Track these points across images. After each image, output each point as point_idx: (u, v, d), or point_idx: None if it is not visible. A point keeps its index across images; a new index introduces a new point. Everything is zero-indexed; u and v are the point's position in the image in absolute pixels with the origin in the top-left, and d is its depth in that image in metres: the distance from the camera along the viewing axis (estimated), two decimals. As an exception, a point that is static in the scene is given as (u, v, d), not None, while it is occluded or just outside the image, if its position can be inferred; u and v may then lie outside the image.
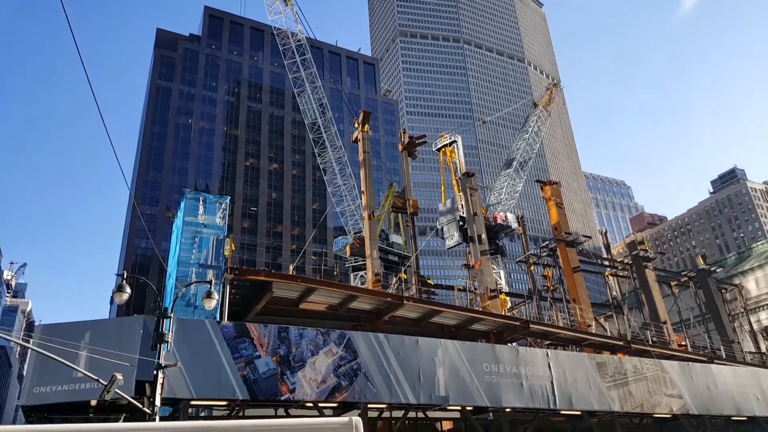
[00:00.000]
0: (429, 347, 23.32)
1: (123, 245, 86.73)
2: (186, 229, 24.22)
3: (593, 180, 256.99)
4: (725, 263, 66.43)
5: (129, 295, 14.70)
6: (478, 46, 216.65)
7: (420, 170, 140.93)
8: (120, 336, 18.41)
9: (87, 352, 16.78)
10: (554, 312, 46.13)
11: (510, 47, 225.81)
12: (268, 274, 26.23)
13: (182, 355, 17.51)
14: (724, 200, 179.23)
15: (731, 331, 48.36)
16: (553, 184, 47.83)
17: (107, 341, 17.29)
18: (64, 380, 16.89)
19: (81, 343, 17.15)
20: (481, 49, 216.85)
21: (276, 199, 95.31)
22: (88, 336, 17.72)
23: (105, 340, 17.45)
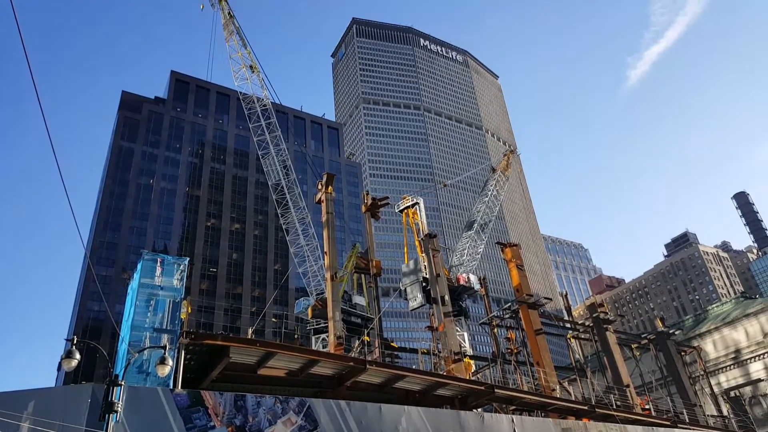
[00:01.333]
0: (393, 414, 22.68)
1: (75, 308, 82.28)
2: (141, 291, 23.39)
3: (552, 242, 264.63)
4: (683, 325, 68.23)
5: (78, 361, 13.96)
6: (438, 114, 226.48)
7: (383, 231, 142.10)
8: (66, 406, 17.19)
9: (30, 423, 15.56)
10: (519, 376, 45.92)
11: (468, 115, 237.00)
12: (226, 338, 25.33)
13: (131, 426, 16.45)
14: (678, 263, 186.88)
15: (693, 394, 48.99)
16: (513, 246, 49.04)
17: (52, 412, 16.11)
18: (1, 456, 15.51)
19: (24, 414, 15.92)
20: (441, 116, 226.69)
21: (237, 260, 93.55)
22: (31, 406, 16.47)
23: (50, 410, 16.26)
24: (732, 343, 56.95)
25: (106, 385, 14.65)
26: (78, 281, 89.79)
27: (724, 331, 58.23)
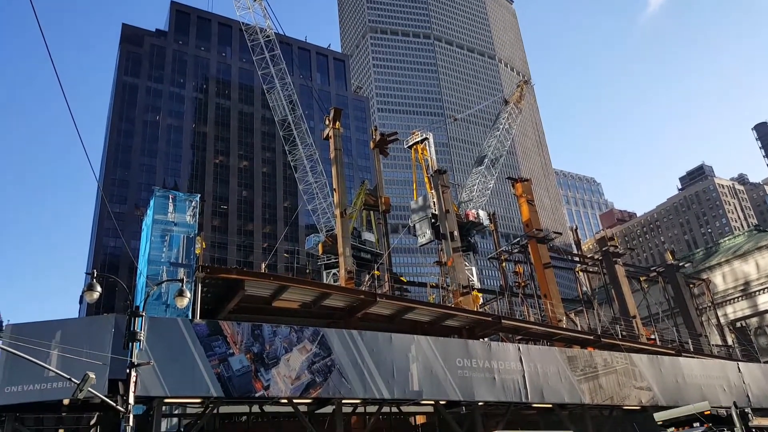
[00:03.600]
0: (402, 343, 23.53)
1: (91, 244, 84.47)
2: (155, 227, 23.84)
3: (563, 177, 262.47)
4: (693, 258, 68.52)
5: (99, 293, 14.46)
6: (449, 43, 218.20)
7: (392, 168, 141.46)
8: (91, 335, 18.03)
9: (58, 351, 16.41)
10: (525, 308, 47.06)
11: (481, 44, 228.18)
12: (240, 272, 26.05)
13: (155, 353, 17.28)
14: (692, 196, 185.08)
15: (699, 325, 49.98)
16: (524, 181, 48.70)
17: (78, 340, 16.94)
18: (36, 380, 16.49)
19: (52, 343, 16.77)
20: (452, 45, 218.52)
21: (246, 197, 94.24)
22: (58, 335, 17.32)
23: (76, 339, 17.09)
24: (742, 276, 57.39)
25: (128, 315, 15.24)
26: (93, 218, 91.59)
27: (734, 264, 58.52)
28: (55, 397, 16.96)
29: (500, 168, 59.22)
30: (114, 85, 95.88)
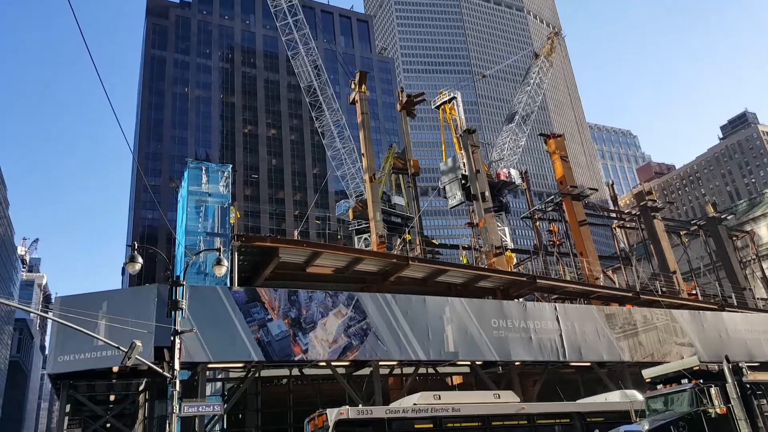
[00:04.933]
0: (436, 305, 23.65)
1: (130, 217, 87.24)
2: (191, 198, 24.32)
3: (598, 131, 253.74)
4: (736, 210, 65.97)
5: (140, 264, 14.87)
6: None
7: (419, 129, 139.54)
8: (135, 305, 18.77)
9: (105, 321, 17.16)
10: (561, 267, 46.44)
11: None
12: (274, 239, 26.42)
13: (197, 320, 17.86)
14: (734, 146, 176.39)
15: (743, 279, 48.50)
16: (557, 136, 47.21)
17: (124, 310, 17.67)
18: (86, 349, 17.37)
19: (99, 313, 17.54)
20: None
21: (276, 166, 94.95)
22: (105, 305, 18.10)
23: (121, 308, 17.83)
24: (788, 226, 55.11)
25: (170, 285, 15.68)
26: (130, 192, 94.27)
27: (780, 214, 56.13)
28: (105, 365, 17.85)
29: (532, 124, 57.48)
30: (142, 59, 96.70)
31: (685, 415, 13.50)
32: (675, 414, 13.72)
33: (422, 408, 14.75)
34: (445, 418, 14.54)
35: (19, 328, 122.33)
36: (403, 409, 14.79)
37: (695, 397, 13.60)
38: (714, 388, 13.42)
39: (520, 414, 15.47)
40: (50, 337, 18.77)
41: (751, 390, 13.95)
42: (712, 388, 13.42)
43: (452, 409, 14.77)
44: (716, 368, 14.26)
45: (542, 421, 15.74)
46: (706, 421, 13.26)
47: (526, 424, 15.45)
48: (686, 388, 14.05)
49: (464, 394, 18.70)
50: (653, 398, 15.07)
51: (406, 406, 15.02)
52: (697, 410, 13.43)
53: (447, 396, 15.78)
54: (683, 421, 13.34)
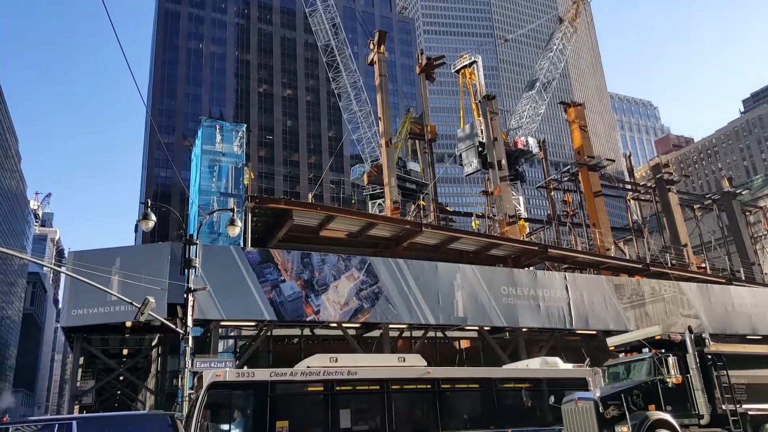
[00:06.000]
0: (448, 272, 23.75)
1: (143, 175, 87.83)
2: (204, 157, 24.29)
3: (618, 101, 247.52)
4: (751, 185, 64.88)
5: (154, 222, 14.99)
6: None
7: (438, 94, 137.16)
8: (149, 262, 19.05)
9: (119, 276, 17.45)
10: (573, 237, 46.21)
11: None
12: (288, 202, 26.48)
13: (210, 279, 18.11)
14: (755, 120, 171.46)
15: (752, 254, 48.11)
16: (578, 105, 46.15)
17: (137, 266, 17.93)
18: (99, 303, 17.75)
19: (112, 269, 17.83)
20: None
21: (291, 127, 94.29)
22: (118, 261, 18.38)
23: (135, 265, 18.10)
24: (803, 203, 54.07)
25: (183, 243, 15.83)
26: (143, 149, 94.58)
27: (796, 191, 55.01)
28: (118, 320, 18.27)
29: (552, 92, 56.03)
30: (156, 12, 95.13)
31: (642, 383, 13.34)
32: (631, 382, 13.58)
33: (314, 371, 13.75)
34: (338, 382, 13.61)
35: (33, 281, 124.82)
36: (291, 372, 13.66)
37: (653, 367, 13.43)
38: (672, 358, 13.23)
39: (423, 378, 14.58)
40: (63, 291, 19.21)
41: (712, 361, 13.83)
42: (670, 358, 13.23)
43: (348, 372, 13.84)
44: (679, 338, 14.11)
45: (447, 386, 14.84)
46: (662, 390, 13.11)
47: (430, 389, 14.59)
48: (645, 357, 13.91)
49: (367, 356, 17.70)
50: (614, 366, 14.92)
51: (296, 369, 14.07)
52: (653, 379, 13.26)
53: (346, 359, 14.78)
54: (638, 390, 13.11)
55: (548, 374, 16.32)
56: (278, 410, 12.72)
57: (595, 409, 12.60)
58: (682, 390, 13.31)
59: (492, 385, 15.28)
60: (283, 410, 12.87)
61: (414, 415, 14.65)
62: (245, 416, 12.73)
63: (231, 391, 12.65)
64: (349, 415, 13.50)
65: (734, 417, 13.36)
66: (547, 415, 15.18)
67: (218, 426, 12.37)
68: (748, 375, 14.31)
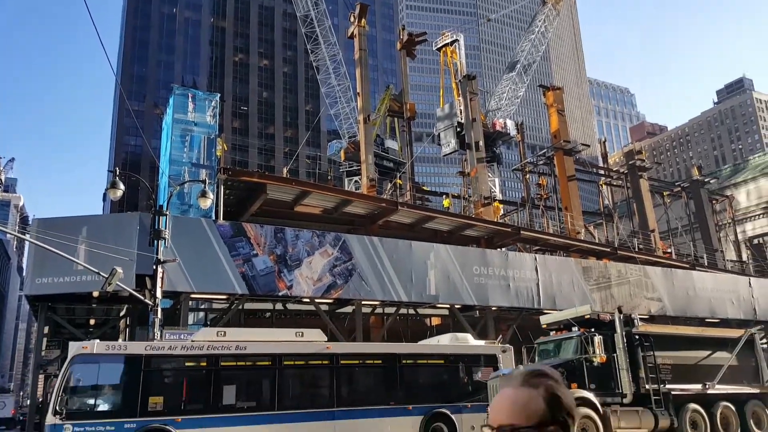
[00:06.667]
0: (422, 251, 23.88)
1: (112, 142, 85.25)
2: (176, 126, 23.58)
3: (597, 86, 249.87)
4: (720, 174, 66.76)
5: (122, 191, 14.56)
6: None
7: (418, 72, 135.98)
8: (117, 231, 18.56)
9: (85, 246, 16.96)
10: (545, 220, 46.96)
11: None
12: (263, 176, 26.04)
13: (180, 251, 17.78)
14: (727, 111, 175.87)
15: (716, 241, 49.71)
16: (557, 89, 46.41)
17: (104, 236, 17.45)
18: (65, 272, 17.26)
19: (79, 238, 17.30)
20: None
21: (267, 99, 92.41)
22: (84, 230, 17.84)
23: (102, 234, 17.60)
24: (766, 194, 55.99)
25: (153, 214, 15.46)
26: (112, 115, 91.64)
27: (760, 182, 56.88)
28: (85, 290, 17.82)
29: (532, 75, 56.11)
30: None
31: (568, 361, 13.39)
32: (558, 360, 13.67)
33: (197, 345, 12.86)
34: (223, 357, 12.82)
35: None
36: (170, 346, 12.76)
37: (580, 345, 13.49)
38: (597, 337, 13.27)
39: (320, 354, 13.92)
40: (27, 259, 18.60)
41: (640, 341, 13.99)
42: (596, 337, 13.27)
43: (236, 347, 12.99)
44: (608, 318, 14.20)
45: (347, 362, 14.34)
46: (588, 369, 13.16)
47: (328, 364, 13.98)
48: (573, 335, 13.98)
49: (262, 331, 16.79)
50: (544, 344, 15.03)
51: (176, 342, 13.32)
52: (579, 358, 13.32)
53: (236, 333, 14.05)
54: (563, 367, 13.03)
55: (456, 350, 15.95)
56: (152, 386, 12.13)
57: None
58: (607, 369, 13.40)
59: (395, 361, 14.85)
60: (159, 386, 12.35)
61: (308, 391, 14.18)
62: (114, 392, 12.14)
63: (98, 365, 11.92)
64: (235, 391, 12.96)
65: (657, 396, 13.55)
66: (455, 392, 15.05)
67: (82, 401, 11.76)
68: (675, 356, 14.60)
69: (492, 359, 15.80)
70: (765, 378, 15.74)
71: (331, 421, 13.38)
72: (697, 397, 14.36)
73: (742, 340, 15.80)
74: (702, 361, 15.04)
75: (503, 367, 14.91)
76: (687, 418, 13.87)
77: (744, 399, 15.11)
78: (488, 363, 15.57)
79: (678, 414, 13.83)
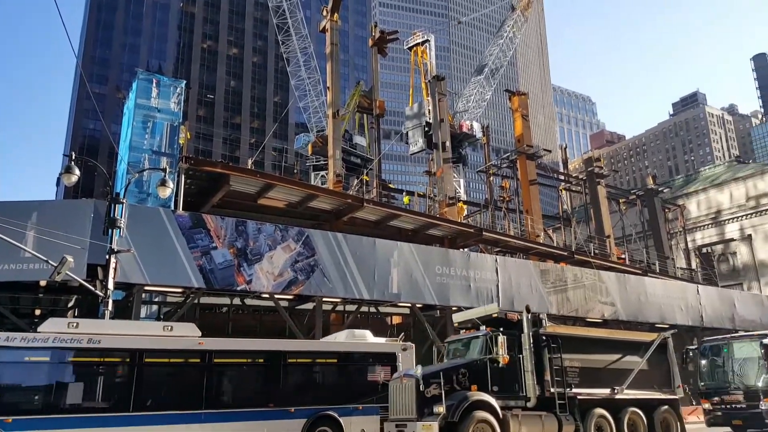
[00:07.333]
0: (385, 249, 23.90)
1: (69, 125, 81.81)
2: (138, 112, 22.81)
3: (560, 93, 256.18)
4: (673, 184, 69.52)
5: (78, 177, 13.99)
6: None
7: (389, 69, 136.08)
8: (69, 218, 17.78)
9: (34, 232, 16.19)
10: (507, 222, 47.88)
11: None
12: (226, 166, 25.45)
13: (135, 241, 17.20)
14: (681, 123, 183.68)
15: (668, 248, 51.76)
16: (522, 95, 47.33)
17: (56, 223, 16.67)
18: (10, 259, 16.40)
19: (27, 223, 16.47)
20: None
21: (235, 88, 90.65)
22: (35, 216, 17.00)
23: (53, 221, 16.80)
24: (715, 204, 58.61)
25: (108, 201, 14.92)
26: (71, 97, 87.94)
27: (710, 192, 59.53)
28: (31, 278, 17.00)
29: (499, 79, 57.07)
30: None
31: (473, 362, 12.80)
32: (461, 361, 13.13)
33: (41, 337, 11.64)
34: (72, 350, 11.67)
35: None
36: (8, 337, 11.47)
37: (486, 345, 12.90)
38: (501, 337, 12.63)
39: (190, 350, 12.80)
40: (-31, 245, 17.58)
41: (547, 342, 13.52)
42: (499, 337, 12.63)
43: (88, 340, 11.79)
44: (516, 317, 13.63)
45: (223, 360, 13.28)
46: (492, 370, 12.58)
47: (198, 363, 12.91)
48: (479, 335, 13.35)
49: (124, 323, 15.22)
50: (453, 343, 14.40)
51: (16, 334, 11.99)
52: (483, 359, 12.72)
53: (90, 325, 12.71)
54: (466, 368, 12.54)
55: (349, 348, 15.08)
56: None
57: (415, 386, 11.93)
58: (512, 371, 12.87)
59: (279, 359, 13.88)
60: None
61: (174, 391, 12.84)
62: None
63: None
64: (82, 390, 11.83)
65: (561, 401, 13.08)
66: (347, 393, 14.29)
67: None
68: (584, 359, 14.07)
69: (391, 358, 15.08)
70: (676, 384, 15.47)
71: (198, 423, 12.34)
72: (604, 402, 13.86)
73: (654, 344, 15.37)
74: (612, 365, 14.52)
75: (403, 366, 14.28)
76: (593, 423, 13.35)
77: (654, 405, 14.75)
78: (387, 362, 14.85)
79: (584, 419, 13.32)
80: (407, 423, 11.81)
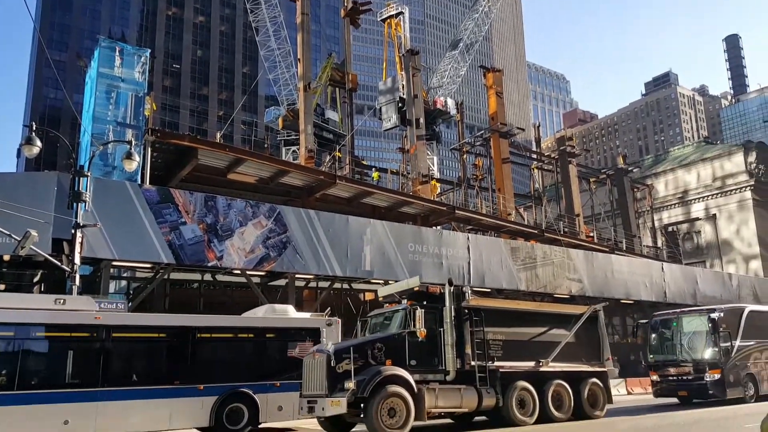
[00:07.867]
0: (358, 226, 23.87)
1: (28, 94, 78.09)
2: (101, 81, 21.86)
3: (535, 71, 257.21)
4: (642, 164, 71.17)
5: (40, 148, 13.39)
6: None
7: (362, 42, 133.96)
8: (32, 191, 17.12)
9: (-5, 205, 15.53)
10: (479, 200, 48.34)
11: None
12: (194, 139, 24.81)
13: (102, 215, 16.68)
14: (653, 103, 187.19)
15: (635, 227, 53.22)
16: (497, 71, 47.34)
17: (18, 196, 16.01)
18: (-30, 233, 15.73)
19: (-12, 197, 15.79)
20: None
21: (201, 58, 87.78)
22: (-6, 189, 16.31)
23: (15, 194, 16.13)
24: (682, 184, 60.44)
25: (72, 175, 14.38)
26: (29, 65, 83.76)
27: (678, 173, 61.28)
28: (-6, 253, 16.44)
29: (474, 55, 56.74)
30: None
31: (391, 336, 12.54)
32: (378, 335, 12.92)
33: None
34: None
35: None
36: None
37: (405, 319, 12.60)
38: (419, 311, 12.28)
39: (84, 325, 11.98)
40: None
41: (469, 315, 13.31)
42: (417, 311, 12.28)
43: None
44: (438, 291, 13.33)
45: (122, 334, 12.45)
46: (411, 344, 12.28)
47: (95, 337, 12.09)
48: (400, 309, 13.03)
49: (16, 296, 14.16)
50: (375, 317, 14.04)
51: None
52: (401, 332, 12.42)
53: None
54: (381, 343, 12.26)
55: (268, 323, 14.50)
56: None
57: (326, 362, 11.59)
58: (433, 344, 12.62)
59: (188, 335, 13.17)
60: None
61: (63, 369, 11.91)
62: None
63: None
64: None
65: (482, 374, 12.97)
66: (264, 369, 13.74)
67: None
68: (509, 332, 13.95)
69: (315, 333, 14.49)
70: (605, 356, 15.50)
71: (92, 402, 11.64)
72: (527, 374, 13.68)
73: (583, 317, 15.28)
74: (538, 338, 14.37)
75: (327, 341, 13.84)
76: (515, 395, 13.19)
77: (582, 377, 14.64)
78: (310, 337, 14.31)
79: (505, 392, 13.14)
80: (317, 399, 11.56)
